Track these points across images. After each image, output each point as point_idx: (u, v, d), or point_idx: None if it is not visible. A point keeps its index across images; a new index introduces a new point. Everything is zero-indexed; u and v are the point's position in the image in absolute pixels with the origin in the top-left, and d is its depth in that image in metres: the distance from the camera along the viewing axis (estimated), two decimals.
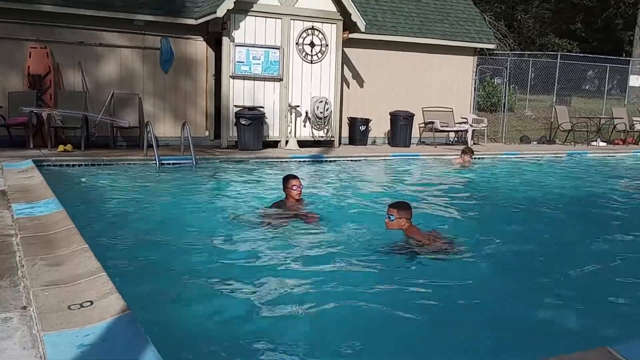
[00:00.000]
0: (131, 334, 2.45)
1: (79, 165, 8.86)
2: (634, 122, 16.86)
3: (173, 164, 9.33)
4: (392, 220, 4.96)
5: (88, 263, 3.37)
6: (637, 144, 16.66)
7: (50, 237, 4.01)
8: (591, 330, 3.45)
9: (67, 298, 2.84)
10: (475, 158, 11.07)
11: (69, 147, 9.83)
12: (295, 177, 6.17)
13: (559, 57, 18.49)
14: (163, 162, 9.17)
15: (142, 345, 2.33)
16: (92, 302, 2.77)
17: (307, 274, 4.23)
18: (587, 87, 23.59)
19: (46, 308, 2.71)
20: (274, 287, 3.95)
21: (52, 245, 3.79)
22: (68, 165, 8.77)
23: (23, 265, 3.38)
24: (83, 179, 8.02)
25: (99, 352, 2.31)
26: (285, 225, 5.66)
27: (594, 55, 20.42)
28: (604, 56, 20.16)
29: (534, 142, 16.03)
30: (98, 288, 2.95)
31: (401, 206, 5.07)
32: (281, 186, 6.21)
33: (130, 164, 9.18)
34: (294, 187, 5.98)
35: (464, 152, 10.82)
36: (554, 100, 18.28)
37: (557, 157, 13.30)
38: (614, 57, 20.67)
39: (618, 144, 16.44)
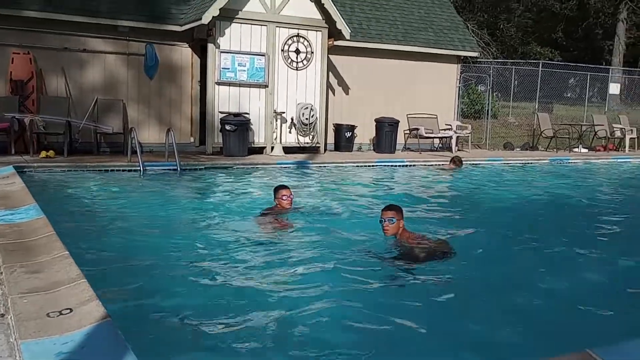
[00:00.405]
0: (111, 341, 2.43)
1: (62, 171, 8.76)
2: (614, 129, 17.14)
3: (157, 170, 9.27)
4: (394, 223, 4.77)
5: (68, 270, 3.33)
6: (618, 150, 16.91)
7: (30, 244, 3.96)
8: (572, 333, 3.48)
9: (46, 305, 2.81)
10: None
11: (51, 153, 9.72)
12: (286, 187, 6.22)
13: (540, 65, 18.73)
14: (147, 168, 9.11)
15: (121, 352, 2.31)
16: (71, 310, 2.74)
17: (294, 283, 4.18)
18: (568, 95, 23.93)
19: (24, 316, 2.68)
20: (258, 296, 3.93)
21: (32, 252, 3.75)
22: (50, 172, 8.67)
23: (2, 273, 3.34)
24: (65, 185, 7.93)
25: None
26: (272, 233, 5.65)
27: (574, 64, 20.73)
28: (584, 64, 20.46)
29: (517, 149, 16.19)
30: (78, 295, 2.92)
31: (398, 208, 4.93)
32: (268, 192, 6.21)
33: (113, 170, 9.11)
34: (284, 197, 6.05)
35: (453, 161, 11.02)
36: (537, 107, 18.51)
37: (539, 163, 13.45)
38: (594, 66, 21.00)
39: (599, 150, 16.67)
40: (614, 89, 20.82)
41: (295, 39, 11.83)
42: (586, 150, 16.20)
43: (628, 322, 3.69)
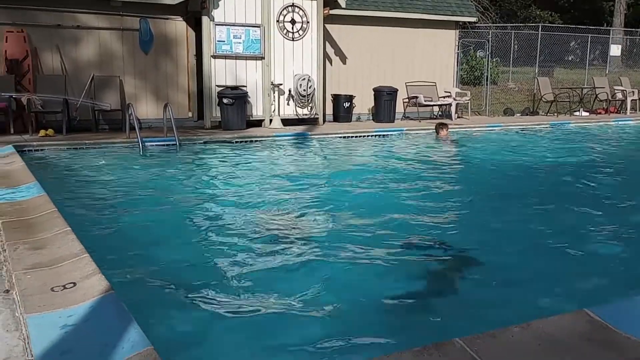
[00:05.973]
0: (114, 313, 2.47)
1: (61, 149, 8.77)
2: (616, 91, 16.99)
3: (156, 145, 9.26)
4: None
5: (71, 245, 3.37)
6: (619, 113, 16.81)
7: (32, 221, 3.99)
8: (570, 292, 3.52)
9: (50, 280, 2.85)
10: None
11: (50, 131, 9.71)
12: None
13: (540, 28, 18.48)
14: (146, 144, 9.10)
15: (125, 323, 2.36)
16: (75, 284, 2.78)
17: (305, 262, 4.16)
18: (569, 58, 23.65)
19: (29, 291, 2.72)
20: (267, 271, 3.95)
21: (34, 229, 3.78)
22: (50, 150, 8.68)
23: (5, 250, 3.37)
24: (65, 163, 7.94)
25: (82, 332, 2.34)
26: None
27: (575, 26, 20.43)
28: (585, 27, 20.17)
29: (518, 114, 16.10)
30: (81, 269, 2.96)
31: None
32: (269, 164, 6.14)
33: (113, 147, 9.11)
34: None
35: (441, 127, 10.90)
36: (537, 71, 18.32)
37: (540, 128, 13.39)
38: (595, 27, 20.69)
39: (600, 113, 16.58)
40: (615, 50, 20.57)
41: (290, 8, 11.67)
42: (587, 114, 16.11)
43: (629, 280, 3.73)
